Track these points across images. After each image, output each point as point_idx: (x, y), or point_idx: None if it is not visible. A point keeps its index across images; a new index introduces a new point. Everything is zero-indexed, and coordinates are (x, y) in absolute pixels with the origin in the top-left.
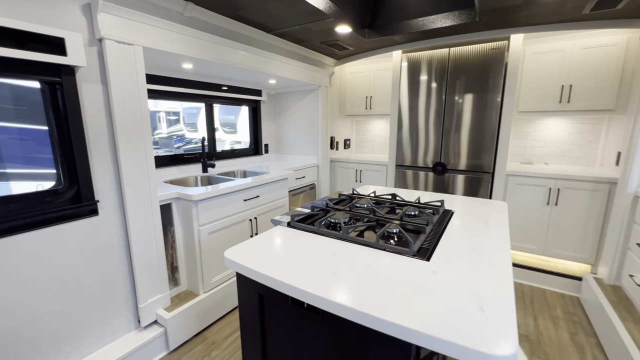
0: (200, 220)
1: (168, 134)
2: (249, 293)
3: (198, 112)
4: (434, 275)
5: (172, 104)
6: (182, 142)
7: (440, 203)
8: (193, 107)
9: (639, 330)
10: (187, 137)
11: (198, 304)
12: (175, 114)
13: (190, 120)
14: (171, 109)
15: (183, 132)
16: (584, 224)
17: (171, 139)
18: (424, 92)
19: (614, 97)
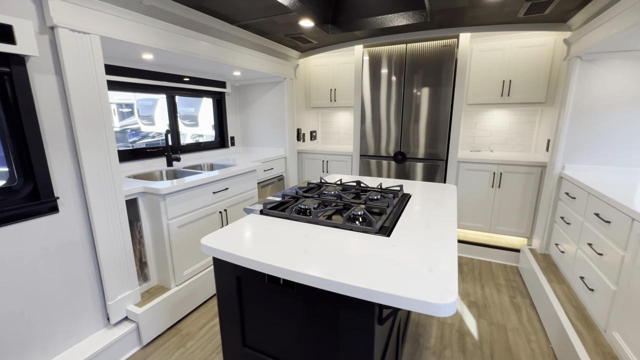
0: (169, 214)
1: (121, 128)
2: (226, 277)
3: (154, 104)
4: (393, 248)
5: (124, 95)
6: (137, 137)
7: (400, 188)
8: (148, 98)
9: (561, 288)
10: (143, 131)
11: (170, 297)
12: (128, 105)
13: (145, 113)
14: (123, 101)
15: (138, 125)
16: (521, 203)
17: (125, 133)
18: (385, 85)
19: (544, 91)
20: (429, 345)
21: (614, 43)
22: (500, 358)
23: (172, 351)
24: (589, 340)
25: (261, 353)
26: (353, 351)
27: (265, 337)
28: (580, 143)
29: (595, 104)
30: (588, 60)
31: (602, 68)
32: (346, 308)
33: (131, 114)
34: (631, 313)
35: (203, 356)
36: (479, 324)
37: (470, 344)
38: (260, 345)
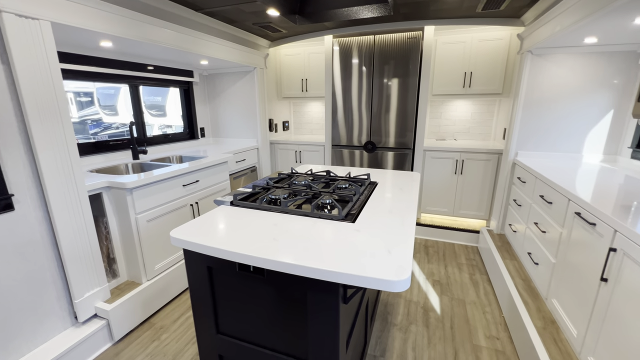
0: (136, 208)
1: (80, 119)
2: (198, 268)
3: (117, 93)
4: (357, 233)
5: (82, 83)
6: (99, 128)
7: (367, 176)
8: (110, 86)
9: (512, 264)
10: (106, 122)
11: (142, 292)
12: (87, 94)
13: (107, 102)
14: (81, 89)
15: (100, 115)
16: (481, 188)
17: (85, 124)
18: (355, 75)
19: (501, 83)
20: (396, 322)
21: (558, 39)
22: (459, 329)
23: (146, 345)
24: (533, 308)
25: (235, 338)
26: (320, 329)
27: (239, 322)
28: (531, 131)
29: (543, 95)
30: (538, 55)
31: (550, 62)
32: (313, 290)
33: (91, 104)
34: (566, 282)
35: (178, 347)
36: (441, 300)
37: (433, 318)
38: (234, 331)
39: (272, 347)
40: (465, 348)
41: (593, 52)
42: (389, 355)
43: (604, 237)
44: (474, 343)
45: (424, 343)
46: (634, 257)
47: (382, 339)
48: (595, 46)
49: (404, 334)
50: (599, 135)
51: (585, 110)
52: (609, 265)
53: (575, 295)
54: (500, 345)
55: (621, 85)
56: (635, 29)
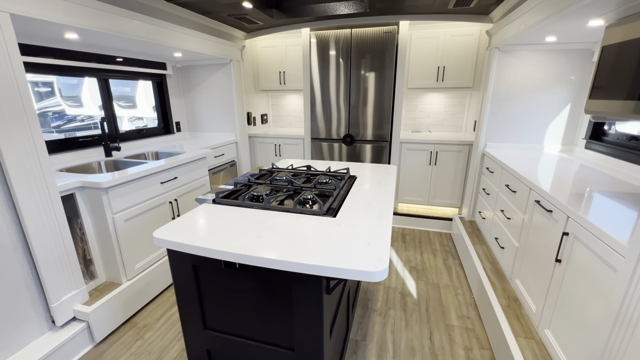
0: (113, 208)
1: (40, 111)
2: (182, 267)
3: (80, 83)
4: (338, 227)
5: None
6: (62, 120)
7: (346, 171)
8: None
9: (482, 248)
10: (69, 114)
11: (122, 292)
12: (46, 84)
13: (70, 93)
14: (39, 79)
15: (62, 107)
16: (453, 177)
17: (45, 116)
18: (333, 69)
19: (472, 77)
20: (376, 308)
21: (523, 37)
22: (434, 311)
23: (129, 344)
24: (499, 288)
25: (223, 333)
26: (305, 320)
27: (225, 317)
28: (498, 124)
29: (509, 90)
30: (505, 51)
31: (515, 58)
32: (298, 283)
33: (51, 94)
34: (527, 263)
35: (163, 345)
36: (418, 285)
37: (410, 302)
38: (221, 326)
39: (259, 339)
40: (439, 328)
41: (553, 50)
42: (370, 339)
43: (559, 222)
44: (447, 323)
45: (401, 326)
46: (583, 240)
47: (363, 324)
48: (555, 44)
49: (383, 319)
50: (558, 128)
51: (546, 104)
52: (562, 248)
53: (535, 275)
54: (471, 324)
55: (577, 81)
56: (589, 30)
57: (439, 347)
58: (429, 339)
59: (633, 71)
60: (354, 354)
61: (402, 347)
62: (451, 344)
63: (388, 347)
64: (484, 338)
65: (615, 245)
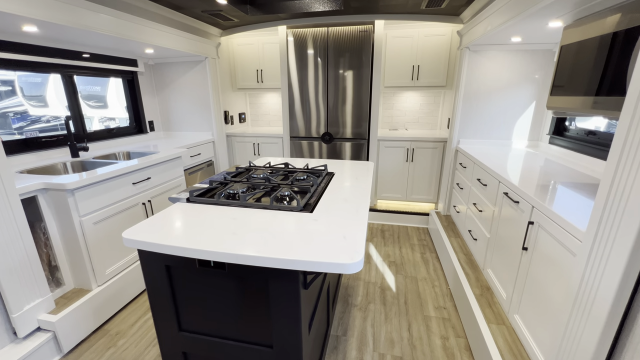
0: (80, 210)
1: (0, 111)
2: (154, 268)
3: (44, 81)
4: (315, 222)
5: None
6: (24, 121)
7: (324, 167)
8: (36, 74)
9: (456, 241)
10: (33, 115)
11: (92, 299)
12: (6, 82)
13: (33, 92)
14: None
15: (24, 107)
16: (429, 173)
17: (6, 117)
18: (311, 67)
19: (445, 76)
20: (357, 303)
21: (490, 37)
22: (412, 303)
23: (101, 353)
24: (473, 278)
25: (199, 334)
26: (283, 316)
27: (201, 318)
28: (470, 121)
29: (479, 88)
30: (474, 51)
31: (484, 58)
32: (274, 279)
33: (12, 94)
34: (498, 253)
35: (137, 351)
36: (396, 279)
37: (389, 296)
38: (196, 327)
39: (236, 338)
40: (417, 319)
41: (519, 50)
42: (351, 334)
43: (525, 212)
44: (424, 314)
45: (381, 319)
46: (546, 228)
47: (343, 319)
48: (520, 44)
49: (363, 313)
50: (525, 124)
51: (514, 101)
52: (528, 236)
53: (505, 264)
54: (447, 314)
55: (541, 79)
56: (550, 31)
57: (417, 338)
58: (408, 330)
59: (590, 69)
60: (334, 349)
61: (381, 339)
62: (428, 334)
63: (368, 340)
64: (460, 327)
65: (574, 231)
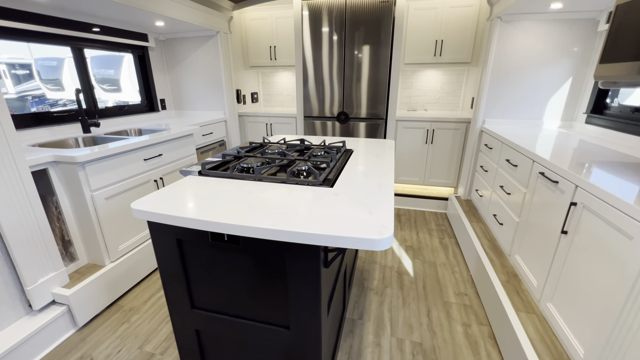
0: (91, 185)
1: (18, 94)
2: (166, 241)
3: (60, 65)
4: (336, 196)
5: (16, 54)
6: (42, 105)
7: (342, 144)
8: (52, 57)
9: (478, 226)
10: (50, 98)
11: (105, 274)
12: (24, 66)
13: (50, 76)
14: (16, 60)
15: (42, 90)
16: (449, 156)
17: (24, 100)
18: (327, 43)
19: (470, 52)
20: (373, 287)
21: (526, 4)
22: (431, 288)
23: (115, 328)
24: (498, 264)
25: (211, 312)
26: (301, 296)
27: (215, 295)
28: (497, 99)
29: (510, 63)
30: (507, 21)
31: (517, 29)
32: (292, 256)
33: (30, 77)
34: (528, 238)
35: (151, 327)
36: (414, 264)
37: (407, 280)
38: (209, 305)
39: (250, 317)
40: (437, 305)
41: (557, 20)
42: (367, 318)
43: (566, 192)
44: (444, 300)
45: (399, 304)
46: (593, 209)
47: (359, 303)
48: (560, 12)
49: (380, 297)
50: (559, 103)
51: (547, 77)
52: (569, 219)
53: (537, 249)
54: (468, 300)
55: (580, 52)
56: None
57: (437, 324)
58: (427, 316)
59: None
60: (350, 332)
61: (399, 324)
62: (449, 320)
63: (385, 324)
64: (482, 314)
65: (630, 210)
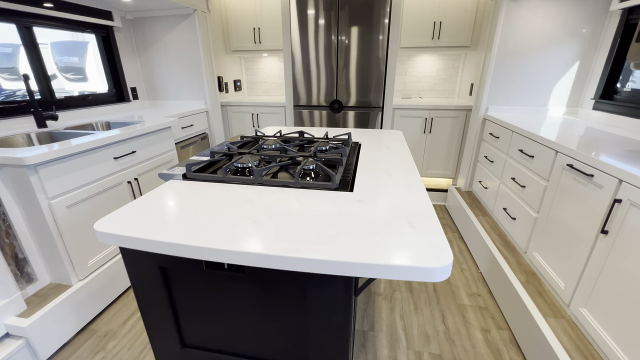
0: (48, 191)
1: None
2: (144, 269)
3: (16, 52)
4: (361, 204)
5: None
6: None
7: (348, 136)
8: (6, 44)
9: (485, 220)
10: (7, 89)
11: (73, 296)
12: None
13: (4, 64)
14: None
15: None
16: (448, 146)
17: None
18: (318, 24)
19: (470, 35)
20: (380, 291)
21: None
22: (442, 290)
23: (88, 359)
24: (514, 263)
25: (208, 350)
26: (326, 330)
27: (211, 331)
28: (502, 85)
29: (516, 46)
30: (514, 0)
31: (525, 9)
32: (316, 285)
33: None
34: (551, 235)
35: (132, 356)
36: None
37: (415, 283)
38: (205, 342)
39: (259, 356)
40: (451, 309)
41: None
42: (379, 328)
43: (605, 187)
44: (458, 302)
45: (410, 310)
46: None
47: (368, 311)
48: None
49: (389, 303)
50: (564, 88)
51: (554, 61)
52: (611, 217)
53: (563, 248)
54: (483, 302)
55: (588, 34)
56: None
57: (454, 331)
58: (442, 322)
59: None
60: (362, 347)
61: (414, 334)
62: (467, 326)
63: (399, 335)
64: (500, 317)
65: None
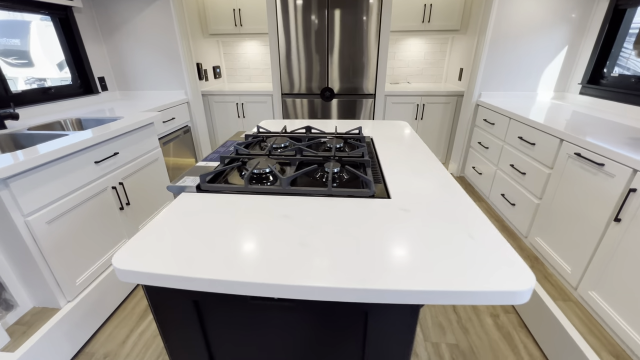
0: (23, 207)
1: None
2: (174, 305)
3: None
4: (406, 214)
5: None
6: None
7: (359, 131)
8: None
9: (481, 205)
10: None
11: (65, 319)
12: None
13: None
14: None
15: None
16: (439, 131)
17: None
18: (305, 6)
19: (459, 18)
20: None
21: None
22: None
23: None
24: (515, 247)
25: None
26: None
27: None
28: (495, 70)
29: (509, 30)
30: None
31: None
32: (377, 312)
33: None
34: (555, 221)
35: None
36: None
37: None
38: None
39: None
40: None
41: None
42: None
43: (617, 177)
44: None
45: None
46: None
47: None
48: None
49: None
50: (552, 73)
51: (544, 46)
52: (626, 206)
53: (570, 234)
54: None
55: (577, 19)
56: None
57: (466, 319)
58: (454, 311)
59: None
60: None
61: (429, 325)
62: (477, 312)
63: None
64: None
65: None
